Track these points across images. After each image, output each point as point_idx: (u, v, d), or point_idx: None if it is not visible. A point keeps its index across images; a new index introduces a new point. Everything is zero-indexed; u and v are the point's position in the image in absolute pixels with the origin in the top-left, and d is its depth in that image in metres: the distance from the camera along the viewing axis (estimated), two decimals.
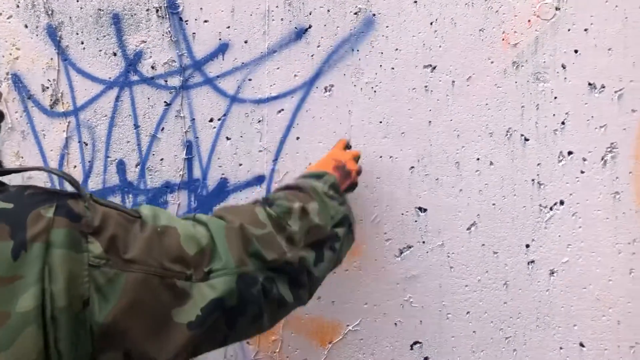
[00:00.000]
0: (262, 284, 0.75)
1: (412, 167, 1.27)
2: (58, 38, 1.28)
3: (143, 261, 0.65)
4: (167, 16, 1.26)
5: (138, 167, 1.30)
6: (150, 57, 1.27)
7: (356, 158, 1.15)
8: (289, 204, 0.87)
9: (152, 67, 1.27)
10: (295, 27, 1.25)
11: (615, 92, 1.21)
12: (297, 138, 1.27)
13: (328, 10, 1.24)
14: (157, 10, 1.26)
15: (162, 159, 1.29)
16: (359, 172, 1.12)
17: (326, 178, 0.99)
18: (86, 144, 1.30)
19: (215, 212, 0.81)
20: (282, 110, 1.27)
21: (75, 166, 1.31)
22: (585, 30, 1.21)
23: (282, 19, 1.25)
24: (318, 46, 1.25)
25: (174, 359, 0.66)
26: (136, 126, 1.29)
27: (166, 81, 1.27)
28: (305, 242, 0.84)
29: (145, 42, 1.27)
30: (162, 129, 1.29)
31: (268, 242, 0.78)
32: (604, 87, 1.21)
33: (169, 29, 1.26)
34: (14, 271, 0.57)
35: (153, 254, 0.66)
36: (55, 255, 0.58)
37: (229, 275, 0.71)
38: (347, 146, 1.21)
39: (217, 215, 0.79)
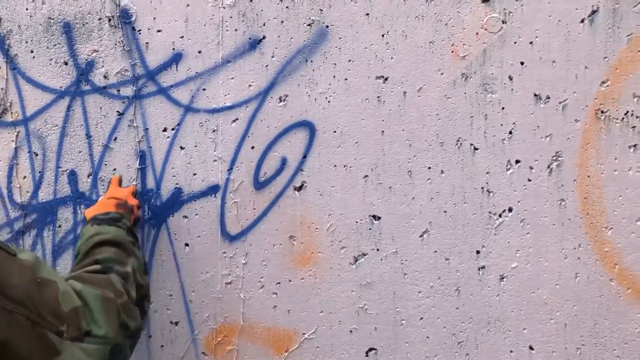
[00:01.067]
0: (125, 351, 0.80)
1: (366, 175, 1.28)
2: (6, 46, 1.26)
3: (20, 302, 0.65)
4: (120, 25, 1.25)
5: (90, 177, 1.28)
6: (103, 66, 1.26)
7: (134, 192, 1.18)
8: (124, 269, 0.91)
9: (105, 77, 1.26)
10: (250, 38, 1.26)
11: (560, 102, 1.26)
12: (252, 147, 1.28)
13: (282, 22, 1.25)
14: (110, 20, 1.25)
15: (114, 169, 1.28)
16: (139, 207, 1.16)
17: (124, 222, 1.04)
18: (36, 154, 1.28)
19: (76, 279, 0.81)
20: (237, 119, 1.27)
21: (25, 177, 1.28)
22: (531, 43, 1.25)
23: (236, 30, 1.26)
24: (272, 57, 1.26)
25: None
26: (88, 136, 1.28)
27: (119, 91, 1.26)
28: (135, 300, 0.89)
29: (98, 51, 1.26)
30: (115, 138, 1.28)
31: (128, 311, 0.83)
32: (549, 98, 1.26)
33: (122, 38, 1.25)
34: None
35: (32, 299, 0.67)
36: None
37: (105, 345, 0.74)
38: (120, 182, 1.23)
39: (82, 282, 0.80)
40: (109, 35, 1.25)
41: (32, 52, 1.26)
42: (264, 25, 1.25)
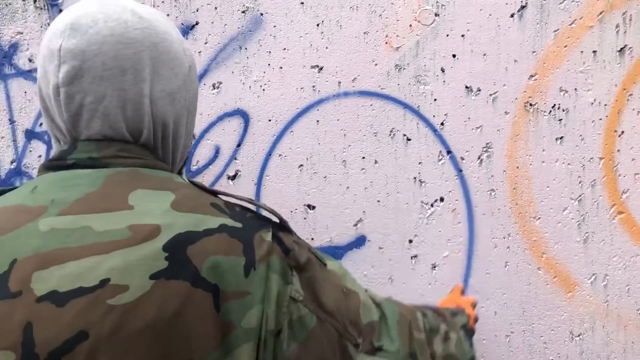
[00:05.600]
0: None
1: (301, 165, 1.28)
2: None
3: (332, 313, 0.65)
4: (46, 7, 1.21)
5: (14, 164, 1.24)
6: (28, 49, 1.22)
7: (473, 304, 1.18)
8: (437, 324, 0.88)
9: (30, 60, 1.22)
10: (182, 24, 1.24)
11: (490, 95, 1.29)
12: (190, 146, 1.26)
13: (215, 8, 1.24)
14: (35, 1, 1.21)
15: (40, 156, 1.24)
16: (476, 320, 1.15)
17: (461, 318, 1.01)
18: None
19: (380, 297, 0.80)
20: None
21: None
22: (463, 36, 1.28)
23: (168, 15, 1.23)
24: (205, 43, 1.25)
25: None
26: (11, 121, 1.23)
27: None
28: None
29: (22, 33, 1.21)
30: (41, 124, 1.24)
31: (423, 349, 0.79)
32: (479, 90, 1.29)
33: (48, 20, 1.21)
34: (245, 287, 0.58)
35: (341, 310, 0.66)
36: (272, 280, 0.60)
37: None
38: (462, 291, 1.26)
39: (385, 298, 0.79)
40: (35, 17, 1.21)
41: None
42: (197, 11, 1.24)
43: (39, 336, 0.51)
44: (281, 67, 1.26)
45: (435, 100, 1.28)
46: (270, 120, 1.27)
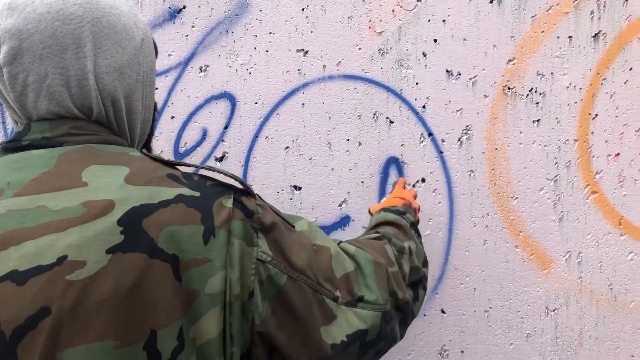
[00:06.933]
0: (393, 321, 0.78)
1: (287, 147, 1.32)
2: None
3: (303, 271, 0.67)
4: None
5: None
6: None
7: (414, 196, 1.21)
8: (401, 244, 0.90)
9: None
10: (169, 7, 1.26)
11: (470, 79, 1.33)
12: (172, 117, 1.28)
13: None
14: None
15: None
16: (419, 210, 1.19)
17: (407, 216, 1.04)
18: None
19: (350, 243, 0.82)
20: (157, 89, 1.28)
21: None
22: (444, 21, 1.31)
23: None
24: (192, 26, 1.27)
25: None
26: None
27: None
28: (408, 282, 0.87)
29: None
30: None
31: (398, 282, 0.81)
32: (460, 74, 1.33)
33: None
34: (204, 254, 0.59)
35: (311, 267, 0.68)
36: (234, 245, 0.61)
37: (377, 311, 0.74)
38: (404, 185, 1.29)
39: (356, 247, 0.80)
40: None
41: None
42: None
43: (3, 315, 0.52)
44: (267, 51, 1.29)
45: (417, 84, 1.32)
46: (256, 103, 1.30)
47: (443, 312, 1.38)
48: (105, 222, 0.56)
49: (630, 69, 1.35)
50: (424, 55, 1.32)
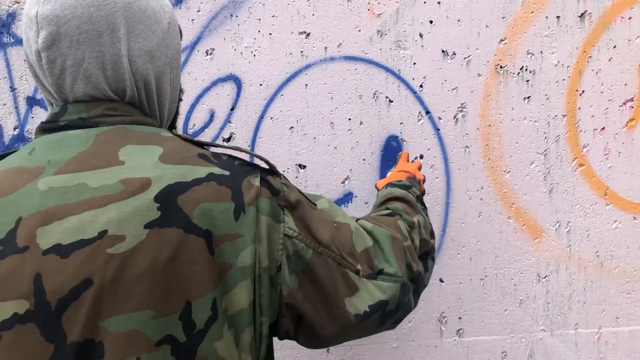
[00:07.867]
0: (410, 292, 0.83)
1: (292, 127, 1.37)
2: None
3: (327, 245, 0.72)
4: None
5: (16, 130, 1.29)
6: None
7: (419, 167, 1.27)
8: (410, 219, 0.95)
9: None
10: None
11: (464, 58, 1.39)
12: (180, 100, 1.32)
13: None
14: None
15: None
16: (424, 181, 1.25)
17: (414, 190, 1.09)
18: None
19: (367, 220, 0.86)
20: None
21: None
22: (439, 3, 1.37)
23: None
24: (198, 11, 1.31)
25: (330, 339, 0.74)
26: (12, 88, 1.28)
27: None
28: (418, 254, 0.92)
29: (19, 2, 1.25)
30: None
31: (412, 255, 0.86)
32: (454, 54, 1.39)
33: None
34: (236, 229, 0.63)
35: (335, 242, 0.73)
36: (262, 221, 0.65)
37: (397, 283, 0.79)
38: (408, 158, 1.35)
39: (373, 224, 0.84)
40: None
41: None
42: None
43: (48, 285, 0.56)
44: (270, 34, 1.33)
45: (414, 64, 1.38)
46: (261, 85, 1.35)
47: (441, 281, 1.45)
48: (142, 198, 0.59)
49: (614, 47, 1.43)
50: (421, 36, 1.37)
